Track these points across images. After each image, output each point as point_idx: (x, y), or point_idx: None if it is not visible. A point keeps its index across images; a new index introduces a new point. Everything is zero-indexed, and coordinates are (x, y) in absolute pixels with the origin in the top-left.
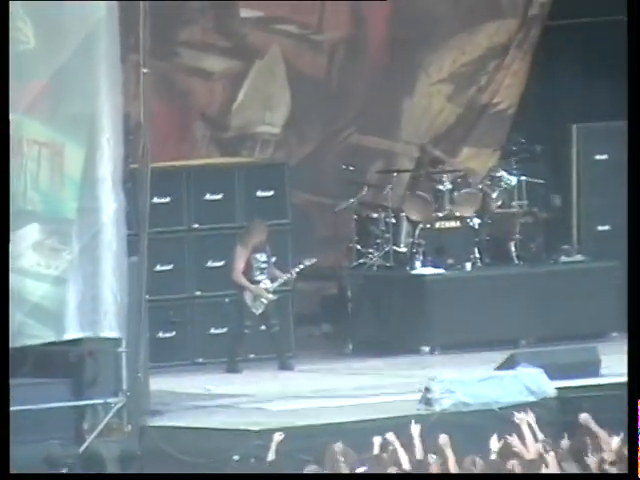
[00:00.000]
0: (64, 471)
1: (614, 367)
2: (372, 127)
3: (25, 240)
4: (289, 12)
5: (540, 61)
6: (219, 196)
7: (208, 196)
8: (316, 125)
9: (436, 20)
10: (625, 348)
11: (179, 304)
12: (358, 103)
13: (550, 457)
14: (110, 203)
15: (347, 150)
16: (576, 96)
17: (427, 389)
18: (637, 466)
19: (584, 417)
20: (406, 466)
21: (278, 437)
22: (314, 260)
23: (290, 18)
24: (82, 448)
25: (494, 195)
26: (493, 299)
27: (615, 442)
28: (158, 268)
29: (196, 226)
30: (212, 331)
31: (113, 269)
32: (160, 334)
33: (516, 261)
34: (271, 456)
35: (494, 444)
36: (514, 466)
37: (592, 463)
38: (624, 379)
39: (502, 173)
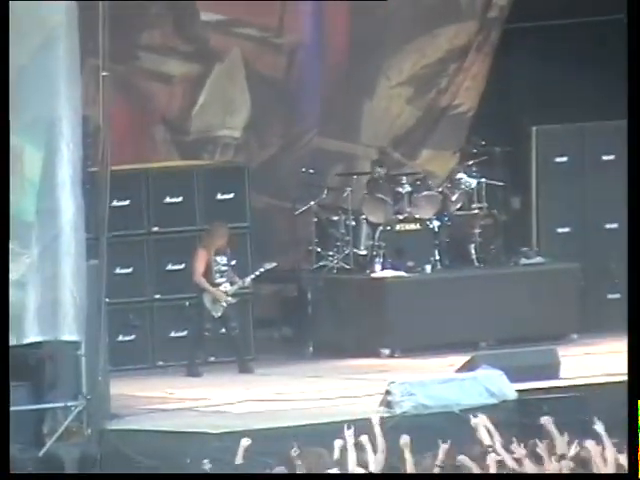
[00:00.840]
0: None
1: (574, 369)
2: (332, 130)
3: None
4: (249, 15)
5: (499, 63)
6: (179, 199)
7: (168, 199)
8: (277, 128)
9: (396, 23)
10: (584, 349)
11: (139, 307)
12: (318, 106)
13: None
14: (69, 206)
15: (307, 153)
16: (535, 98)
17: (388, 392)
18: (637, 466)
19: (545, 420)
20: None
21: (245, 442)
22: (274, 264)
23: (250, 21)
24: (42, 452)
25: (454, 197)
26: (453, 301)
27: (573, 447)
28: (118, 271)
29: (156, 229)
30: (172, 334)
31: (72, 272)
32: (120, 337)
33: (476, 263)
34: (239, 460)
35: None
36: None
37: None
38: (582, 381)
39: (462, 175)
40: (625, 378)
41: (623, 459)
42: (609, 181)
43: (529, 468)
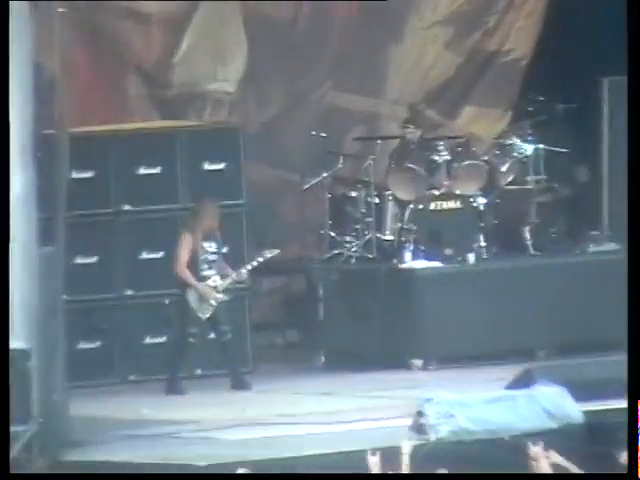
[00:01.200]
0: None
1: None
2: (350, 83)
3: None
4: None
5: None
6: (157, 170)
7: (142, 170)
8: (280, 81)
9: None
10: None
11: (106, 306)
12: (333, 53)
13: None
14: (17, 179)
15: (319, 112)
16: (608, 41)
17: (420, 413)
18: (637, 466)
19: (625, 457)
20: None
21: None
22: (276, 251)
23: None
24: None
25: (504, 168)
26: (503, 299)
27: None
28: (79, 261)
29: (127, 208)
30: (148, 341)
31: (21, 262)
32: (82, 345)
33: (532, 251)
34: None
35: None
36: None
37: None
38: None
39: (514, 140)
40: None
41: None
42: None
43: None
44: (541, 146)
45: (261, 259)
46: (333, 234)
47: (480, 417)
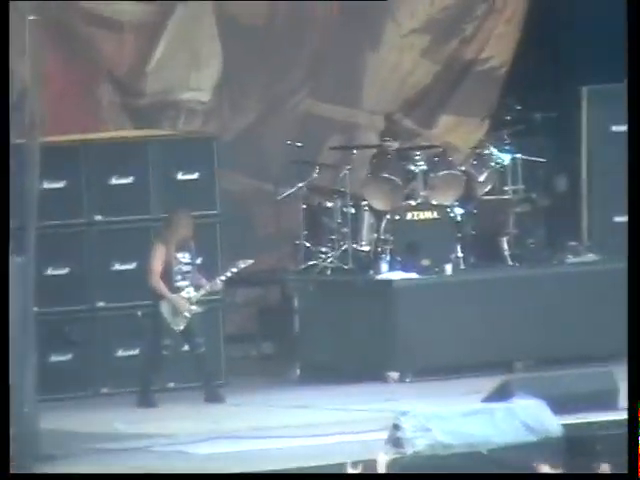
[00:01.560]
0: None
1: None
2: (326, 91)
3: None
4: None
5: (541, 4)
6: (129, 179)
7: (115, 180)
8: (255, 90)
9: None
10: None
11: (77, 318)
12: (309, 61)
13: None
14: None
15: (295, 121)
16: (588, 49)
17: (396, 426)
18: (637, 466)
19: (604, 469)
20: None
21: None
22: (251, 262)
23: None
24: None
25: (481, 178)
26: (480, 310)
27: None
28: (50, 272)
29: (99, 218)
30: (120, 353)
31: None
32: (53, 357)
33: (509, 262)
34: None
35: None
36: None
37: None
38: None
39: (492, 150)
40: None
41: None
42: None
43: None
44: (519, 156)
45: (235, 270)
46: (308, 245)
47: (457, 430)
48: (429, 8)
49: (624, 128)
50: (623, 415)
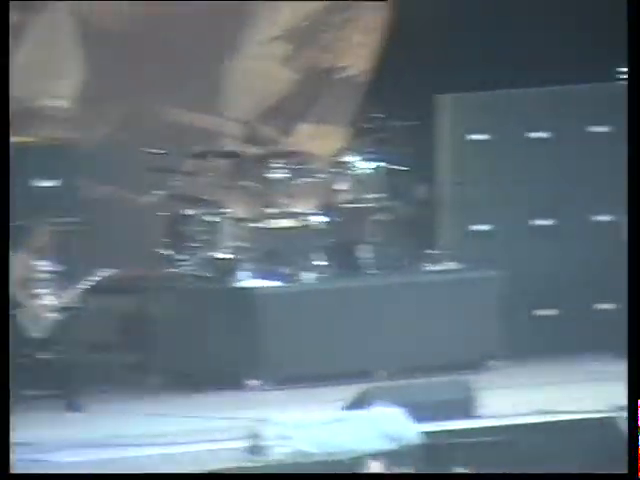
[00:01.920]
0: None
1: (493, 406)
2: (187, 99)
3: None
4: None
5: (400, 12)
6: None
7: None
8: (117, 97)
9: None
10: (506, 380)
11: None
12: (171, 69)
13: None
14: None
15: (158, 129)
16: (447, 57)
17: (256, 435)
18: (637, 466)
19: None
20: None
21: None
22: (111, 270)
23: None
24: None
25: (342, 186)
26: (342, 319)
27: None
28: None
29: None
30: None
31: None
32: None
33: (371, 270)
34: None
35: None
36: None
37: None
38: (505, 420)
39: (353, 158)
40: (565, 417)
41: None
42: (542, 166)
43: None
44: (380, 164)
45: (96, 278)
46: (169, 253)
47: (317, 438)
48: (289, 17)
49: (485, 137)
50: (480, 423)
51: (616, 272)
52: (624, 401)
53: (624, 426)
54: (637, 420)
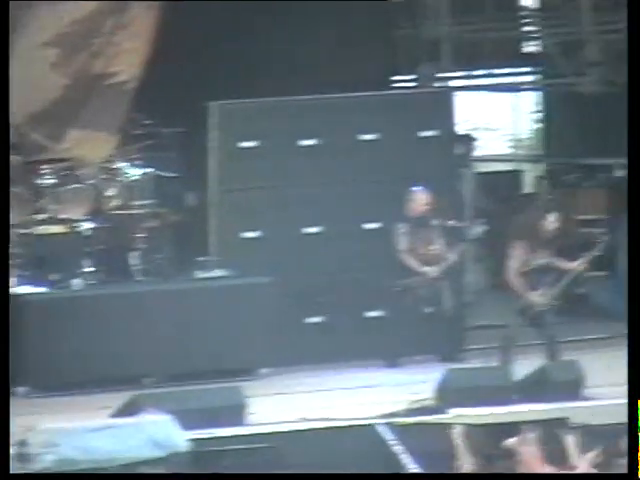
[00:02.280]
0: None
1: (265, 413)
2: None
3: None
4: None
5: (171, 18)
6: None
7: None
8: None
9: None
10: (278, 388)
11: None
12: None
13: None
14: None
15: None
16: (218, 64)
17: (23, 442)
18: (637, 466)
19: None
20: None
21: None
22: None
23: None
24: None
25: (111, 192)
26: (110, 326)
27: None
28: None
29: None
30: None
31: None
32: None
33: (139, 276)
34: None
35: None
36: None
37: None
38: (275, 428)
39: (121, 164)
40: (329, 424)
41: None
42: (309, 172)
43: None
44: (149, 170)
45: None
46: None
47: (85, 446)
48: (58, 21)
49: (255, 143)
50: (250, 430)
51: (386, 279)
52: (387, 409)
53: (384, 432)
54: (637, 420)
